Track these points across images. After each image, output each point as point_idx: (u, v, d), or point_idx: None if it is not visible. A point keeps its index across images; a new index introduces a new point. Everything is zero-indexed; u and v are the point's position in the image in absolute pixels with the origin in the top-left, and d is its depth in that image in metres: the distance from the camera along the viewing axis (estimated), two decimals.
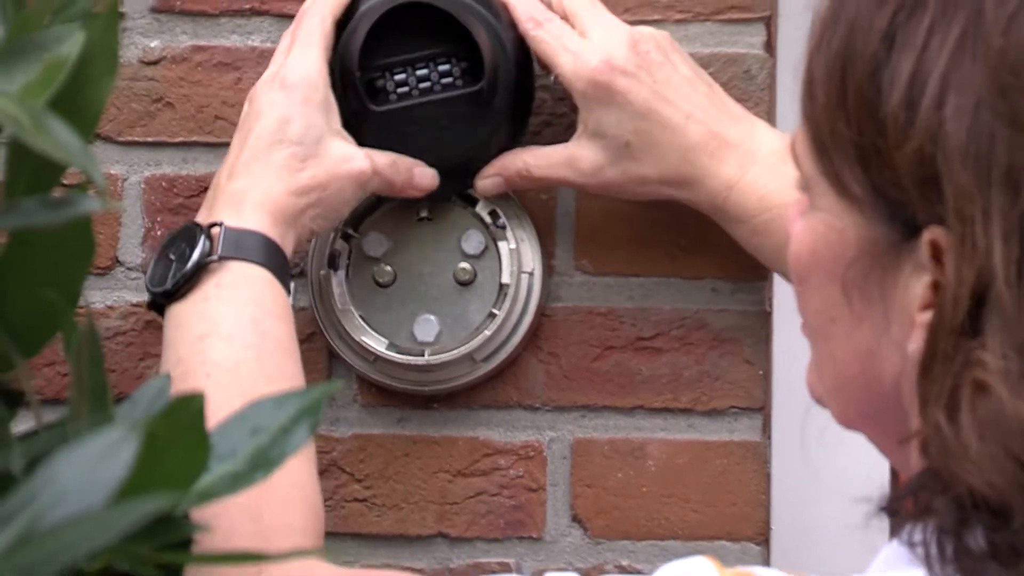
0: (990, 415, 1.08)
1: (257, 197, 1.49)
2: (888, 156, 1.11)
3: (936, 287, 1.09)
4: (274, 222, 1.48)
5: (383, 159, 1.55)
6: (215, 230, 1.46)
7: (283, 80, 1.50)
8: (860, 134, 1.12)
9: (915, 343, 1.10)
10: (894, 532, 1.59)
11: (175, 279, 1.45)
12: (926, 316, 1.09)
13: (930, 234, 1.08)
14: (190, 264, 1.45)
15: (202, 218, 1.49)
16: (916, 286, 1.11)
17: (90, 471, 0.97)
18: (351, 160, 1.52)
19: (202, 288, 1.45)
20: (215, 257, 1.44)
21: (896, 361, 1.14)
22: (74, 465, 0.98)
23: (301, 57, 1.53)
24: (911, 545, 1.11)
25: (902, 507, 1.16)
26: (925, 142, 1.09)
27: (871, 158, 1.12)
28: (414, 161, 1.57)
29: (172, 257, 1.48)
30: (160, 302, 1.47)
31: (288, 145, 1.50)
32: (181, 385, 1.43)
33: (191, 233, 1.46)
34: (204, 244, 1.45)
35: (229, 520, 1.34)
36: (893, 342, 1.14)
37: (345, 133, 1.54)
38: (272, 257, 1.48)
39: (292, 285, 1.50)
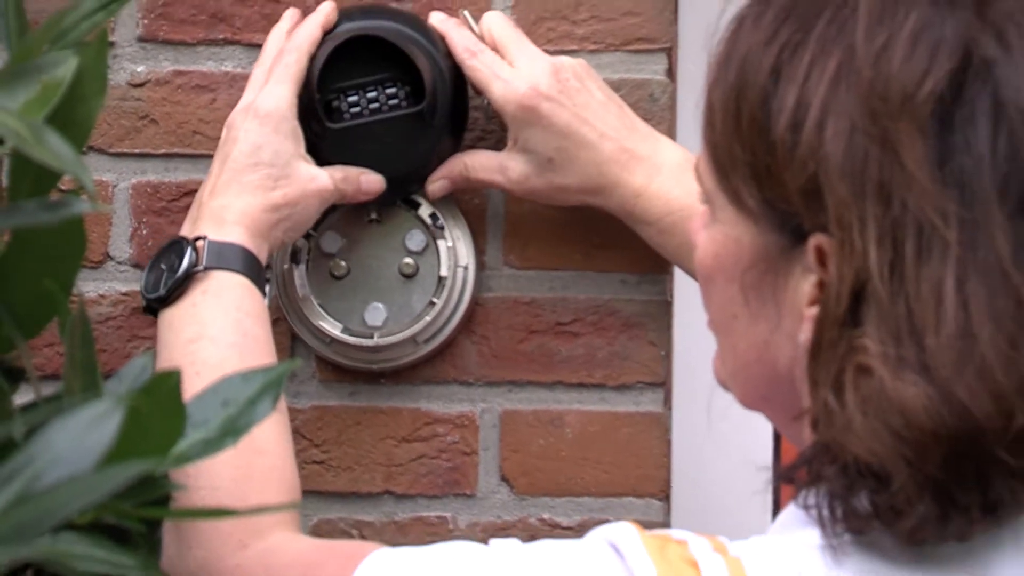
0: (872, 393, 1.10)
1: (236, 213, 1.53)
2: (778, 174, 1.14)
3: (821, 285, 1.13)
4: (251, 235, 1.52)
5: (337, 174, 1.60)
6: (200, 243, 1.50)
7: (256, 110, 1.54)
8: (753, 155, 1.15)
9: (805, 334, 1.14)
10: (779, 495, 1.70)
11: (167, 286, 1.50)
12: (813, 311, 1.13)
13: (815, 240, 1.12)
14: (180, 273, 1.49)
15: (187, 231, 1.53)
16: (804, 285, 1.14)
17: (80, 438, 1.02)
18: (316, 180, 1.56)
19: (190, 295, 1.50)
20: (201, 267, 1.49)
21: (788, 350, 1.17)
22: (67, 433, 1.02)
23: (274, 90, 1.57)
24: (806, 508, 1.15)
25: (797, 475, 1.18)
26: (809, 160, 1.12)
27: (763, 176, 1.16)
28: (361, 170, 1.62)
29: (163, 267, 1.52)
30: (154, 307, 1.52)
31: (262, 168, 1.54)
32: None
33: (179, 246, 1.51)
34: (191, 256, 1.49)
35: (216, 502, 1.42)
36: (785, 334, 1.17)
37: (309, 157, 1.58)
38: (250, 266, 1.53)
39: (268, 288, 1.54)
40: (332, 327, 1.70)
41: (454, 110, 1.68)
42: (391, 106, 1.66)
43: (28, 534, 1.00)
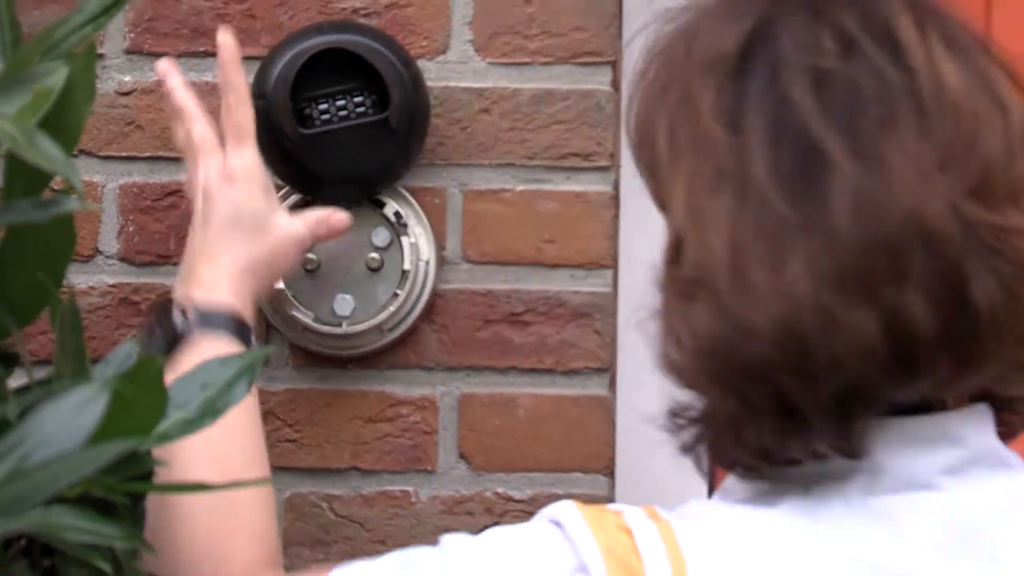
0: (675, 324, 1.21)
1: (223, 274, 1.53)
2: (653, 172, 1.26)
3: None
4: (237, 294, 1.53)
5: (310, 220, 1.61)
6: (188, 308, 1.50)
7: (230, 175, 1.54)
8: (644, 165, 1.27)
9: None
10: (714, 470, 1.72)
11: (158, 350, 1.50)
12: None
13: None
14: (170, 338, 1.50)
15: (180, 293, 1.54)
16: None
17: (69, 419, 1.03)
18: (293, 231, 1.57)
19: (179, 357, 1.49)
20: (189, 332, 1.49)
21: None
22: (57, 414, 1.03)
23: (240, 153, 1.56)
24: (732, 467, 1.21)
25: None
26: (653, 149, 1.24)
27: (650, 175, 1.28)
28: (331, 211, 1.62)
29: (157, 329, 1.53)
30: None
31: (243, 225, 1.54)
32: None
33: (169, 312, 1.51)
34: (181, 322, 1.50)
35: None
36: None
37: (284, 209, 1.60)
38: (235, 326, 1.52)
39: (253, 339, 1.53)
40: (304, 316, 1.74)
41: (416, 117, 1.72)
42: (358, 113, 1.70)
43: (21, 507, 1.02)
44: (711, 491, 1.71)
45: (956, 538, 1.16)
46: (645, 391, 1.66)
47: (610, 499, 1.79)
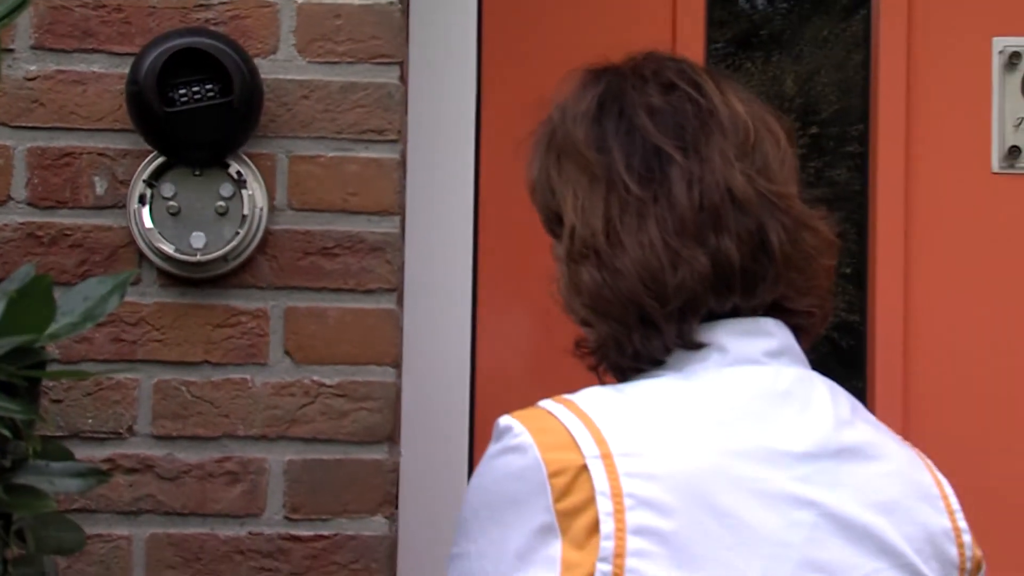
0: (571, 282, 1.34)
1: None
2: (549, 209, 1.43)
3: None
4: None
5: None
6: None
7: None
8: (543, 213, 1.44)
9: None
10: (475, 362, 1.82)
11: None
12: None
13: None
14: None
15: None
16: None
17: None
18: None
19: None
20: None
21: None
22: None
23: None
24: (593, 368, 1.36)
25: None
26: (548, 190, 1.42)
27: (546, 216, 1.43)
28: None
29: None
30: None
31: None
32: None
33: None
34: None
35: None
36: None
37: None
38: None
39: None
40: (168, 247, 1.81)
41: (252, 101, 1.78)
42: (209, 97, 1.75)
43: None
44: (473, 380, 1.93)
45: (779, 394, 1.28)
46: (421, 306, 1.97)
47: (397, 387, 1.86)
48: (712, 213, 1.29)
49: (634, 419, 1.23)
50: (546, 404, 1.26)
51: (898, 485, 1.29)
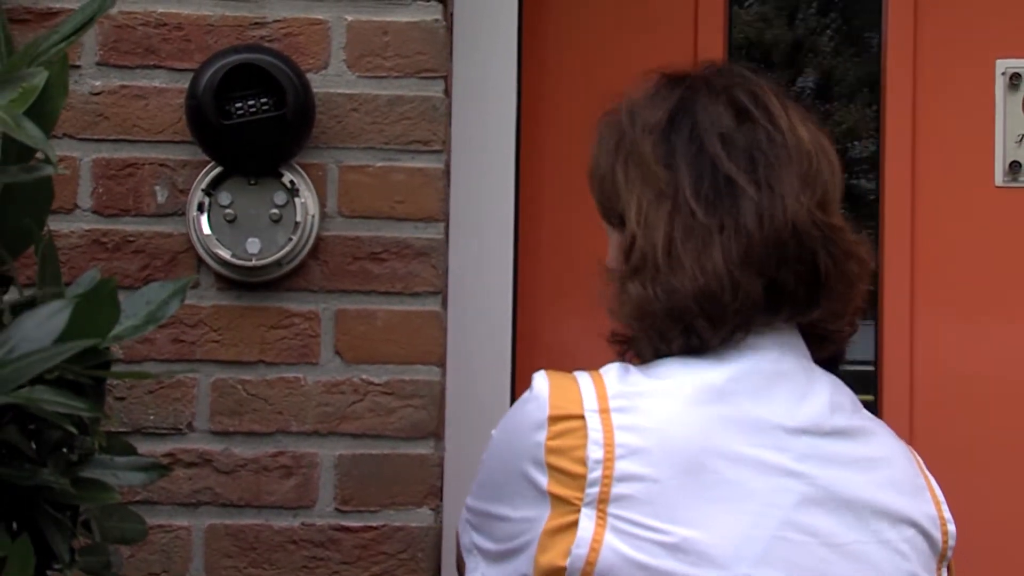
0: (628, 296, 1.31)
1: None
2: (609, 203, 1.36)
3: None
4: None
5: None
6: None
7: None
8: (600, 202, 1.37)
9: None
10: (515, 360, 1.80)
11: None
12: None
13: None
14: None
15: None
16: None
17: (44, 324, 1.07)
18: None
19: None
20: None
21: None
22: (36, 320, 1.07)
23: None
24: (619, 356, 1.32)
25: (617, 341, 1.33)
26: (609, 182, 1.36)
27: (605, 206, 1.37)
28: None
29: None
30: None
31: None
32: None
33: None
34: None
35: None
36: None
37: None
38: None
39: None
40: (225, 253, 1.80)
41: (305, 114, 1.77)
42: (264, 110, 1.74)
43: (8, 386, 1.03)
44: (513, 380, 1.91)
45: (780, 373, 1.28)
46: (464, 308, 1.94)
47: (442, 385, 1.84)
48: (778, 246, 1.28)
49: (640, 385, 1.25)
50: (579, 373, 1.28)
51: (887, 469, 1.29)
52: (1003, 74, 2.21)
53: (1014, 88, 2.20)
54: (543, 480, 1.22)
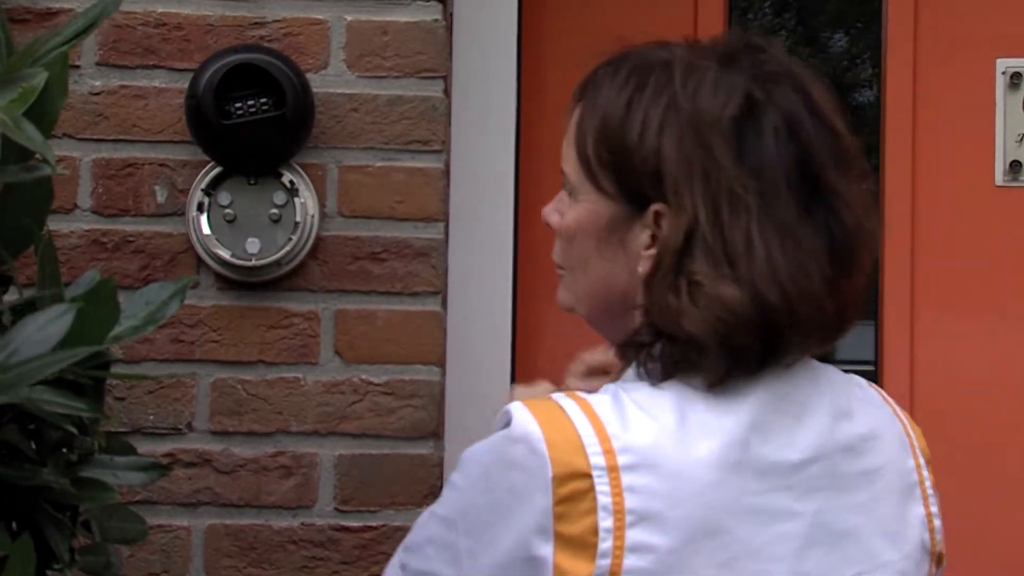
0: (700, 295, 1.15)
1: None
2: (630, 166, 1.19)
3: (654, 237, 1.18)
4: None
5: None
6: None
7: None
8: (612, 156, 1.21)
9: (643, 267, 1.18)
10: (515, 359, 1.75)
11: None
12: (652, 251, 1.18)
13: (655, 207, 1.18)
14: None
15: None
16: (643, 236, 1.19)
17: (45, 329, 1.08)
18: None
19: None
20: None
21: (625, 277, 1.21)
22: (36, 325, 1.08)
23: None
24: (636, 367, 1.19)
25: (628, 350, 1.21)
26: (652, 156, 1.18)
27: (620, 168, 1.20)
28: None
29: None
30: None
31: None
32: None
33: None
34: None
35: None
36: (624, 268, 1.21)
37: None
38: None
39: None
40: (225, 253, 1.80)
41: (304, 113, 1.77)
42: (263, 110, 1.75)
43: (10, 388, 1.04)
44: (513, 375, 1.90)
45: (780, 398, 1.20)
46: (464, 308, 1.95)
47: (442, 386, 1.85)
48: (855, 259, 1.23)
49: (645, 430, 1.15)
50: (559, 399, 1.18)
51: (887, 476, 1.25)
52: (1003, 73, 2.22)
53: (1014, 87, 2.21)
54: (547, 550, 1.13)
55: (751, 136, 1.19)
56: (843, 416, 1.24)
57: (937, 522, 1.30)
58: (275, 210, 1.82)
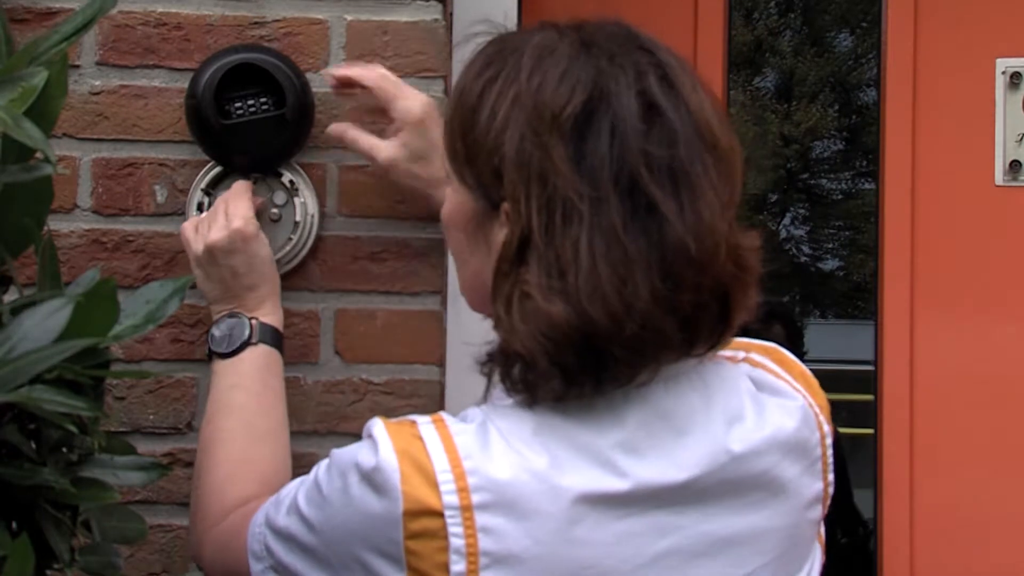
0: (530, 310, 1.14)
1: (267, 299, 1.61)
2: (478, 161, 1.20)
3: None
4: (277, 315, 1.62)
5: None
6: (254, 323, 1.58)
7: (243, 234, 1.59)
8: (466, 148, 1.21)
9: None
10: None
11: (231, 349, 1.57)
12: None
13: (504, 206, 1.18)
14: (240, 342, 1.57)
15: (247, 308, 1.59)
16: (500, 235, 1.19)
17: (44, 323, 1.08)
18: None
19: (240, 356, 1.57)
20: (254, 341, 1.58)
21: (491, 275, 1.21)
22: (35, 319, 1.09)
23: (237, 210, 1.60)
24: (503, 382, 1.20)
25: (484, 367, 1.22)
26: (494, 154, 1.17)
27: (472, 162, 1.21)
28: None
29: (227, 331, 1.58)
30: (215, 355, 1.59)
31: (268, 268, 1.63)
32: (215, 415, 1.52)
33: (241, 323, 1.59)
34: (248, 332, 1.57)
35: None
36: (489, 265, 1.21)
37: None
38: (279, 340, 1.61)
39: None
40: None
41: (304, 113, 1.77)
42: (263, 110, 1.74)
43: (8, 386, 1.04)
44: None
45: (662, 415, 1.18)
46: (464, 308, 1.79)
47: (442, 385, 1.84)
48: (697, 274, 1.18)
49: (503, 463, 1.13)
50: (421, 425, 1.18)
51: (775, 472, 1.21)
52: (1003, 73, 2.23)
53: (1014, 87, 2.22)
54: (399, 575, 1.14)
55: (591, 137, 1.15)
56: (735, 420, 1.20)
57: (831, 489, 1.27)
58: (275, 210, 1.81)
